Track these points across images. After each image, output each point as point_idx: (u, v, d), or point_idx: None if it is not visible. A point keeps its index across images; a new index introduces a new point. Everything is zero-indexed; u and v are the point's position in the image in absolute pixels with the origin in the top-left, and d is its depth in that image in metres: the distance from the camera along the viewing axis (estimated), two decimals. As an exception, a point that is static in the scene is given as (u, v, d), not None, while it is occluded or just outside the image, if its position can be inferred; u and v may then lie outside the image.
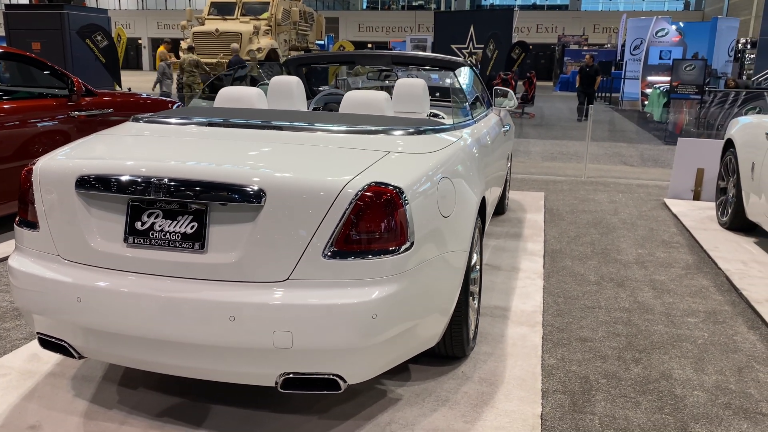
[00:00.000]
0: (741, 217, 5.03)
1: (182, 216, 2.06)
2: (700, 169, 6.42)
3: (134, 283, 2.07)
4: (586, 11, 45.00)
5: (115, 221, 2.14)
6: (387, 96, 3.03)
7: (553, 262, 4.42)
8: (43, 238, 2.24)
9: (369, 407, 2.50)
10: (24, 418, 2.39)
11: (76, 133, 5.13)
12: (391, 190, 2.07)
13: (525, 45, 16.63)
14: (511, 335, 3.19)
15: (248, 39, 15.48)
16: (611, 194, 6.84)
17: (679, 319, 3.48)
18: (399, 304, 2.10)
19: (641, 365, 2.94)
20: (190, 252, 2.05)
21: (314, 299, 1.99)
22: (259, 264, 2.02)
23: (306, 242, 2.01)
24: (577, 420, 2.48)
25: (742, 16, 31.85)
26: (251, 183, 2.01)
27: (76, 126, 5.12)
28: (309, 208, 2.00)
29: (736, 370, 2.91)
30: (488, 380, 2.73)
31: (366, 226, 2.03)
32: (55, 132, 4.96)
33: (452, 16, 21.46)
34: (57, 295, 2.15)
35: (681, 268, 4.36)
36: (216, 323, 1.99)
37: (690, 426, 2.45)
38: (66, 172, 2.18)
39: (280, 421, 2.40)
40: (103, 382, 2.66)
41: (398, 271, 2.09)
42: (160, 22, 47.67)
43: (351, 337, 2.02)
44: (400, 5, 48.38)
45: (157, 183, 2.04)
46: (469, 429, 2.37)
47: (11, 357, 2.88)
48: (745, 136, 4.98)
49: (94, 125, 5.30)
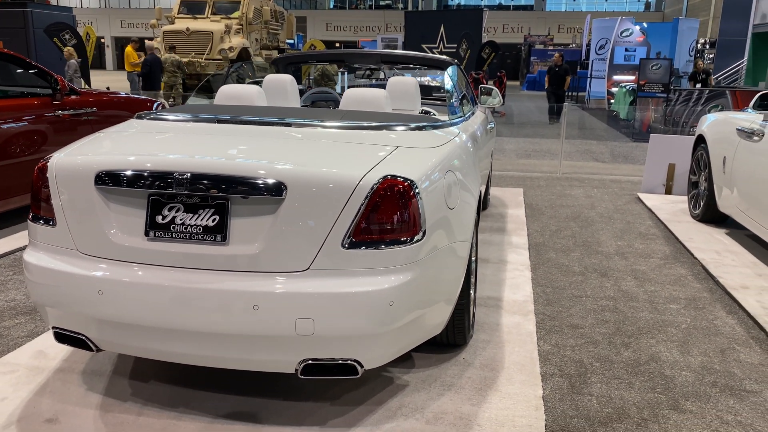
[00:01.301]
0: (713, 210, 5.26)
1: (203, 209, 2.12)
2: (671, 165, 6.67)
3: (157, 275, 2.12)
4: (551, 11, 45.77)
5: (134, 215, 2.18)
6: (386, 93, 3.12)
7: (538, 255, 4.57)
8: (61, 234, 2.27)
9: (378, 393, 2.60)
10: (39, 412, 2.42)
11: (61, 132, 5.10)
12: (405, 183, 2.16)
13: (495, 45, 16.89)
14: (506, 324, 3.31)
15: (220, 38, 15.38)
16: (586, 189, 7.05)
17: (662, 306, 3.65)
18: (413, 291, 2.20)
19: (631, 349, 3.09)
20: (212, 244, 2.11)
21: (335, 288, 2.07)
22: (280, 255, 2.09)
23: (326, 233, 2.09)
24: (576, 401, 2.61)
25: (701, 17, 32.77)
26: (273, 177, 2.08)
27: (61, 125, 5.09)
28: (328, 201, 2.09)
29: (719, 352, 3.08)
30: (489, 366, 2.85)
31: (382, 217, 2.12)
32: (41, 131, 4.92)
33: (423, 15, 21.64)
34: (78, 288, 2.18)
35: (659, 259, 4.55)
36: (240, 312, 2.06)
37: (681, 403, 2.60)
38: (84, 168, 2.22)
39: (295, 408, 2.47)
40: (114, 376, 2.70)
41: (412, 260, 2.18)
42: (123, 21, 46.89)
43: (369, 324, 2.10)
44: (367, 5, 48.48)
45: (180, 178, 2.09)
46: (476, 411, 2.48)
47: (17, 354, 2.89)
48: (717, 133, 5.21)
49: (79, 124, 5.28)
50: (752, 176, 4.40)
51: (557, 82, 15.02)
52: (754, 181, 4.37)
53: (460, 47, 15.60)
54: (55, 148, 5.07)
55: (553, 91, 15.18)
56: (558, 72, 14.96)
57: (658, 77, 11.95)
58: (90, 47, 14.91)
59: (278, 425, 2.36)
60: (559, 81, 14.97)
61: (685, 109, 11.64)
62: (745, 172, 4.51)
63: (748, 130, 4.52)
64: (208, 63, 15.09)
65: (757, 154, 4.35)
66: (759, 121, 4.42)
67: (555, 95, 15.00)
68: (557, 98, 14.80)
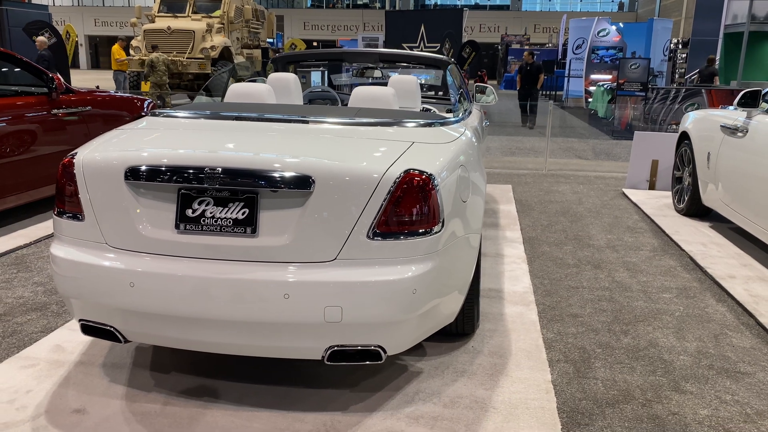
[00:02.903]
0: (697, 204, 5.45)
1: (233, 203, 2.20)
2: (654, 161, 6.87)
3: (188, 267, 2.19)
4: (527, 11, 46.27)
5: (164, 209, 2.25)
6: (394, 91, 3.21)
7: (532, 248, 4.70)
8: (89, 228, 2.33)
9: (395, 380, 2.69)
10: (66, 403, 2.47)
11: (58, 131, 5.10)
12: (425, 176, 2.26)
13: (475, 44, 17.09)
14: (510, 313, 3.43)
15: (201, 37, 15.31)
16: (573, 186, 7.23)
17: (656, 295, 3.80)
18: (433, 280, 2.30)
19: (630, 336, 3.23)
20: (242, 236, 2.19)
21: (361, 277, 2.17)
22: (308, 245, 2.18)
23: (352, 225, 2.18)
24: (583, 384, 2.74)
25: (673, 18, 33.43)
26: (302, 171, 2.16)
27: (58, 124, 5.09)
28: (354, 194, 2.18)
29: (713, 337, 3.24)
30: (497, 353, 2.96)
31: (404, 209, 2.21)
32: (39, 130, 4.92)
33: (403, 15, 21.77)
34: (109, 281, 2.25)
35: (649, 251, 4.71)
36: (271, 301, 2.14)
37: (682, 385, 2.75)
38: (114, 164, 2.28)
39: (317, 395, 2.56)
40: (135, 368, 2.76)
41: (432, 251, 2.28)
42: (97, 19, 46.31)
43: (394, 311, 2.20)
44: (345, 4, 48.47)
45: (211, 172, 2.17)
46: (490, 395, 2.59)
47: (34, 348, 2.93)
48: (701, 130, 5.40)
49: (75, 123, 5.29)
50: (736, 171, 4.58)
51: (530, 82, 13.92)
52: (737, 176, 4.56)
53: (443, 47, 15.77)
54: (53, 148, 5.08)
55: (526, 92, 13.94)
56: (530, 71, 13.87)
57: (637, 76, 12.23)
58: (70, 46, 14.75)
59: (302, 411, 2.44)
60: (532, 80, 13.89)
61: (662, 107, 11.93)
62: (729, 167, 4.69)
63: (731, 127, 4.70)
64: (189, 62, 15.03)
65: (740, 150, 4.54)
66: (742, 118, 4.61)
67: (528, 95, 13.80)
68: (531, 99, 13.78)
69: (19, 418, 2.36)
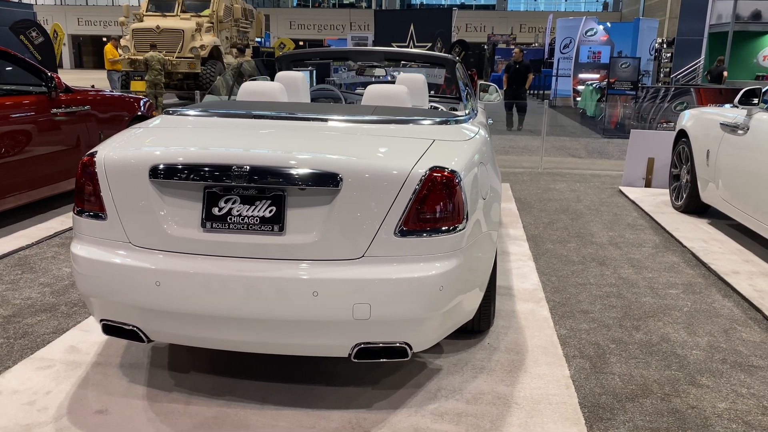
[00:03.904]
0: (696, 201, 5.51)
1: (260, 201, 2.19)
2: (650, 159, 6.94)
3: (216, 265, 2.18)
4: (513, 11, 46.50)
5: (189, 207, 2.24)
6: (407, 89, 3.22)
7: (536, 246, 4.73)
8: (112, 227, 2.30)
9: (415, 377, 2.70)
10: (88, 404, 2.45)
11: (57, 128, 5.05)
12: (450, 174, 2.27)
13: (465, 43, 17.14)
14: (521, 310, 3.45)
15: (191, 36, 15.21)
16: (569, 184, 7.28)
17: (663, 291, 3.84)
18: (457, 277, 2.31)
19: (641, 331, 3.26)
20: (270, 234, 2.19)
21: (389, 274, 2.17)
22: (336, 243, 2.18)
23: (379, 222, 2.18)
24: (601, 379, 2.76)
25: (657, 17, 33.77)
26: (330, 169, 2.16)
27: (57, 123, 5.04)
28: (381, 191, 2.18)
29: (723, 332, 3.28)
30: (514, 350, 2.98)
31: (430, 206, 2.22)
32: (39, 129, 4.87)
33: (392, 14, 21.79)
34: (134, 280, 2.23)
35: (651, 248, 4.76)
36: (300, 299, 2.14)
37: (697, 379, 2.78)
38: (138, 162, 2.26)
39: (338, 393, 2.56)
40: (153, 368, 2.74)
41: (457, 247, 2.29)
42: (80, 18, 45.86)
43: (421, 308, 2.21)
44: (331, 3, 48.40)
45: (238, 171, 2.16)
46: (511, 391, 2.61)
47: (49, 350, 2.90)
48: (699, 128, 5.46)
49: (74, 122, 5.24)
50: (737, 168, 4.64)
51: (519, 81, 12.89)
52: (738, 173, 4.62)
53: (435, 46, 15.79)
54: (52, 147, 5.02)
55: (513, 92, 12.84)
56: (519, 69, 12.85)
57: (628, 75, 12.35)
58: (58, 45, 14.59)
59: (326, 409, 2.44)
60: (521, 79, 12.89)
61: (652, 105, 12.05)
62: (730, 164, 4.75)
63: (732, 125, 4.76)
64: (179, 61, 14.92)
65: (741, 147, 4.60)
66: (742, 116, 4.67)
67: (516, 95, 12.73)
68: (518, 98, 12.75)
69: (41, 420, 2.34)
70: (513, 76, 12.92)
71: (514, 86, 12.92)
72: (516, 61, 13.05)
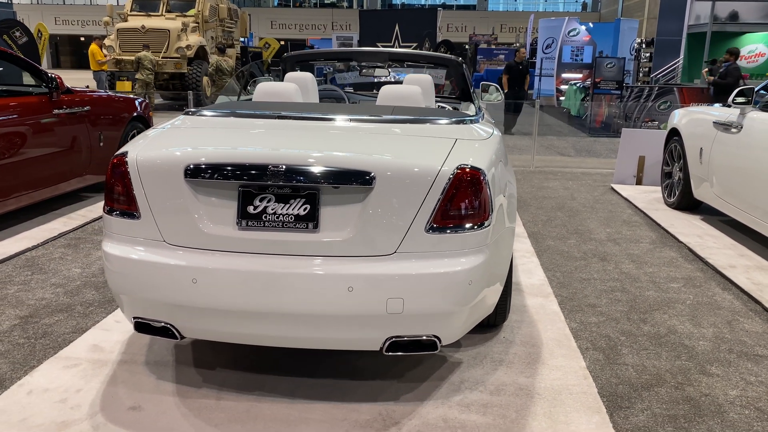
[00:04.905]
0: (688, 198, 5.66)
1: (294, 199, 2.25)
2: (641, 157, 7.09)
3: (252, 263, 2.23)
4: (493, 11, 46.79)
5: (224, 206, 2.28)
6: (421, 89, 3.29)
7: (537, 243, 4.83)
8: (146, 226, 2.34)
9: (437, 370, 2.77)
10: (120, 401, 2.48)
11: (59, 129, 5.04)
12: (476, 172, 2.34)
13: (450, 44, 17.28)
14: (532, 305, 3.54)
15: (177, 36, 15.12)
16: (562, 182, 7.40)
17: (665, 285, 3.96)
18: (484, 272, 2.38)
19: (649, 324, 3.37)
20: (304, 231, 2.24)
21: (422, 269, 2.24)
22: (369, 240, 2.24)
23: (411, 219, 2.25)
24: (615, 370, 2.86)
25: (636, 17, 34.24)
26: (364, 167, 2.22)
27: (59, 123, 5.03)
28: (413, 189, 2.25)
29: (726, 323, 3.40)
30: (529, 343, 3.07)
31: (459, 203, 2.29)
32: (41, 129, 4.85)
33: (377, 14, 21.84)
34: (170, 278, 2.27)
35: (648, 243, 4.89)
36: (336, 294, 2.20)
37: (708, 368, 2.89)
38: (172, 162, 2.30)
39: (365, 387, 2.62)
40: (179, 365, 2.78)
41: (483, 243, 2.37)
42: (57, 18, 45.17)
43: (452, 302, 2.28)
44: (312, 3, 48.30)
45: (274, 170, 2.21)
46: (532, 382, 2.69)
47: (72, 349, 2.92)
48: (692, 126, 5.60)
49: (74, 123, 5.22)
50: (731, 165, 4.78)
51: (520, 82, 12.29)
52: (732, 170, 4.76)
53: (423, 46, 15.88)
54: (54, 148, 5.01)
55: (515, 93, 12.15)
56: (521, 70, 12.34)
57: (613, 75, 12.56)
58: (42, 45, 14.40)
59: (356, 402, 2.50)
60: (521, 80, 12.31)
61: (636, 104, 12.26)
62: (724, 161, 4.89)
63: (726, 123, 4.91)
64: (165, 61, 14.83)
65: (735, 145, 4.74)
66: (736, 115, 4.81)
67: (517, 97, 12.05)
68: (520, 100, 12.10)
69: (76, 417, 2.37)
70: (514, 77, 12.34)
71: (516, 87, 12.37)
72: (519, 62, 12.51)
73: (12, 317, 3.29)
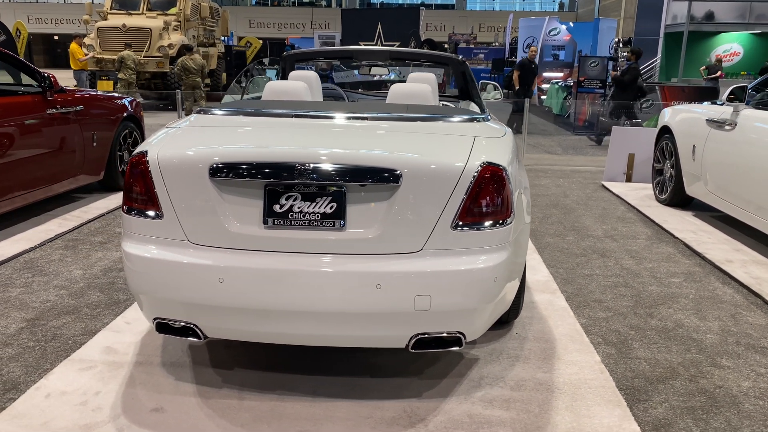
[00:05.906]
0: (680, 194, 5.75)
1: (320, 198, 2.24)
2: (631, 155, 7.19)
3: (279, 261, 2.22)
4: (472, 11, 47.00)
5: (250, 205, 2.27)
6: (430, 88, 3.30)
7: (537, 240, 4.88)
8: (169, 225, 2.32)
9: (456, 367, 2.79)
10: (141, 403, 2.45)
11: (53, 128, 4.96)
12: (499, 169, 2.36)
13: (433, 43, 17.31)
14: (540, 301, 3.57)
15: (158, 35, 14.94)
16: (553, 180, 7.48)
17: (666, 280, 4.03)
18: (507, 268, 2.40)
19: (656, 318, 3.42)
20: (331, 230, 2.24)
21: (448, 266, 2.25)
22: (395, 237, 2.24)
23: (437, 217, 2.26)
24: (629, 363, 2.90)
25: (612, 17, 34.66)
26: (391, 165, 2.23)
27: (53, 122, 4.95)
28: (439, 187, 2.25)
29: (731, 317, 3.47)
30: (542, 338, 3.10)
31: (483, 201, 2.31)
32: (35, 128, 4.77)
33: (359, 13, 21.83)
34: (196, 278, 2.25)
35: (645, 239, 4.96)
36: (363, 292, 2.20)
37: (718, 360, 2.94)
38: (197, 160, 2.28)
39: (386, 384, 2.63)
40: (196, 366, 2.75)
41: (506, 240, 2.38)
42: (30, 16, 44.32)
43: (478, 298, 2.30)
44: (291, 1, 48.08)
45: (301, 168, 2.20)
46: (550, 377, 2.72)
47: (85, 351, 2.88)
48: (684, 124, 5.70)
49: (68, 122, 5.15)
50: (724, 162, 4.87)
51: (530, 81, 11.98)
52: (725, 166, 4.85)
53: (409, 45, 15.90)
54: (47, 148, 4.93)
55: (524, 92, 11.79)
56: (533, 69, 12.08)
57: (596, 74, 12.71)
58: (21, 44, 14.11)
59: (379, 399, 2.51)
60: (531, 79, 12.04)
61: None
62: (717, 158, 4.98)
63: (719, 121, 5.00)
64: (147, 60, 14.66)
65: (728, 142, 4.83)
66: (729, 112, 4.90)
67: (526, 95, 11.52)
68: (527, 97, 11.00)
69: (99, 419, 2.34)
70: (525, 74, 11.92)
71: (525, 86, 12.03)
72: (530, 60, 12.24)
73: (18, 320, 3.23)
